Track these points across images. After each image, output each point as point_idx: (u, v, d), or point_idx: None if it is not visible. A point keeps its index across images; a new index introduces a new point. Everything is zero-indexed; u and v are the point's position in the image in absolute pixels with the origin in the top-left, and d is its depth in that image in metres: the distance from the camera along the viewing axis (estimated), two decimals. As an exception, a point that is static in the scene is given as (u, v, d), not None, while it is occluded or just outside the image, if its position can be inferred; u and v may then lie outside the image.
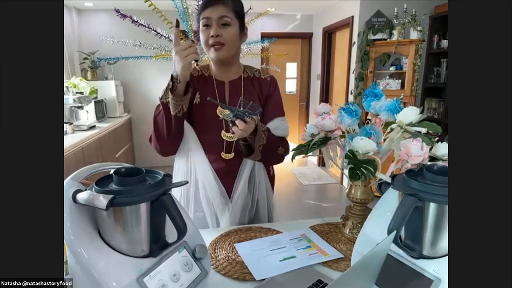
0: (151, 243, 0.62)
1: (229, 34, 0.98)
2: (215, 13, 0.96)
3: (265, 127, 1.01)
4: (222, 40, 0.98)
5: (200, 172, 1.05)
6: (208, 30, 0.98)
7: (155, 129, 1.01)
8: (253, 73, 1.12)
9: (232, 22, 0.98)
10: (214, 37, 0.97)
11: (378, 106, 0.84)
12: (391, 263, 0.64)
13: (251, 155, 1.01)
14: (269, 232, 0.98)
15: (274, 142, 1.04)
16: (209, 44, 0.99)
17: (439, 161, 0.75)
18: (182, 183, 0.65)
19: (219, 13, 0.96)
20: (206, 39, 0.99)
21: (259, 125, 0.97)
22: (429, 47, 3.49)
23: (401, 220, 0.58)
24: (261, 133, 0.98)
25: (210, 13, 0.96)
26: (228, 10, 0.97)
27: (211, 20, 0.97)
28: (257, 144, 0.98)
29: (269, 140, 1.01)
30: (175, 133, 1.00)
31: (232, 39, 1.00)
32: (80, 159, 2.64)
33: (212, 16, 0.96)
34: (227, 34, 0.98)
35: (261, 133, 0.98)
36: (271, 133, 1.03)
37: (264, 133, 0.99)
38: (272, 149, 1.04)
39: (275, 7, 4.03)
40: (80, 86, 3.52)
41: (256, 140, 0.98)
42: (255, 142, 0.98)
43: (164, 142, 1.02)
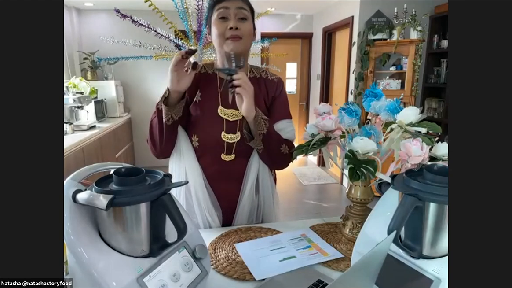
0: (151, 243, 0.62)
1: (247, 29, 0.97)
2: (233, 4, 0.94)
3: (265, 117, 0.98)
4: (240, 34, 0.95)
5: (191, 176, 1.03)
6: (225, 23, 0.95)
7: (149, 133, 1.03)
8: (260, 74, 1.10)
9: (248, 16, 0.98)
10: (233, 29, 0.94)
11: (378, 106, 0.84)
12: (391, 263, 0.64)
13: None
14: (269, 232, 0.98)
15: (277, 138, 1.02)
16: (225, 36, 0.95)
17: (439, 161, 0.75)
18: (182, 183, 0.65)
19: (237, 4, 0.95)
20: (223, 31, 0.95)
21: (258, 111, 0.95)
22: (429, 47, 3.49)
23: (401, 220, 0.58)
24: (261, 120, 0.96)
25: (228, 3, 0.94)
26: (245, 3, 0.97)
27: (228, 11, 0.94)
28: (257, 130, 0.96)
29: (270, 132, 0.99)
30: (167, 138, 1.01)
31: (249, 33, 0.99)
32: (80, 159, 2.64)
33: (230, 6, 0.94)
34: (245, 28, 0.96)
35: (261, 119, 0.96)
36: (272, 128, 1.01)
37: (264, 122, 0.97)
38: (274, 143, 1.01)
39: (275, 7, 4.03)
40: (80, 86, 3.52)
41: (257, 126, 0.96)
42: (255, 129, 0.96)
43: (157, 146, 1.03)
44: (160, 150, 1.04)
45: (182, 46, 2.61)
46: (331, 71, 4.54)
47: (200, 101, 1.03)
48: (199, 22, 2.50)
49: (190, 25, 2.51)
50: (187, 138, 1.04)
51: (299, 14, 4.78)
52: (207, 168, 1.05)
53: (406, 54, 3.28)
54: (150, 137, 1.03)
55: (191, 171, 1.03)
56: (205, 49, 2.70)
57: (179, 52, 0.90)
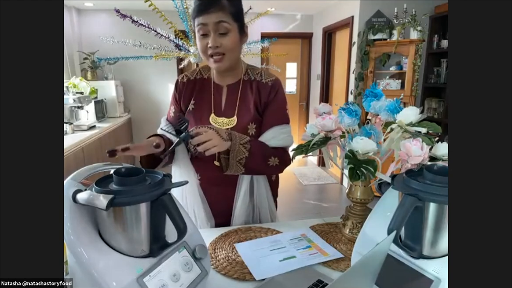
0: (151, 243, 0.62)
1: (229, 43, 0.92)
2: (211, 19, 0.89)
3: (245, 139, 0.95)
4: (222, 50, 0.92)
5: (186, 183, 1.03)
6: (206, 40, 0.92)
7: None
8: (255, 76, 1.05)
9: (231, 27, 0.91)
10: (213, 48, 0.91)
11: (378, 106, 0.84)
12: (391, 263, 0.64)
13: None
14: (269, 232, 0.98)
15: (262, 154, 0.98)
16: (208, 54, 0.94)
17: (439, 161, 0.75)
18: (182, 183, 0.65)
19: (215, 18, 0.89)
20: (205, 48, 0.93)
21: (234, 138, 0.93)
22: (429, 47, 3.49)
23: (401, 220, 0.58)
24: (239, 147, 0.93)
25: (205, 19, 0.89)
26: (225, 14, 0.89)
27: (207, 27, 0.90)
28: (236, 157, 0.94)
29: (254, 153, 0.95)
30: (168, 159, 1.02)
31: (233, 47, 0.94)
32: (80, 159, 2.64)
33: (208, 22, 0.89)
34: (227, 43, 0.92)
35: (239, 146, 0.93)
36: (257, 145, 0.97)
37: (244, 146, 0.93)
38: (259, 161, 0.97)
39: (275, 7, 4.03)
40: (80, 86, 3.52)
41: (234, 154, 0.93)
42: (234, 157, 0.94)
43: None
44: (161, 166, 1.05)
45: (182, 46, 2.61)
46: (331, 71, 4.54)
47: (194, 109, 1.03)
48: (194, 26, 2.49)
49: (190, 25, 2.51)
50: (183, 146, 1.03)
51: (299, 14, 4.78)
52: (202, 174, 1.05)
53: (406, 54, 3.28)
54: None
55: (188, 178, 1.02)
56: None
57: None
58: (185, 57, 2.81)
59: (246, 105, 1.02)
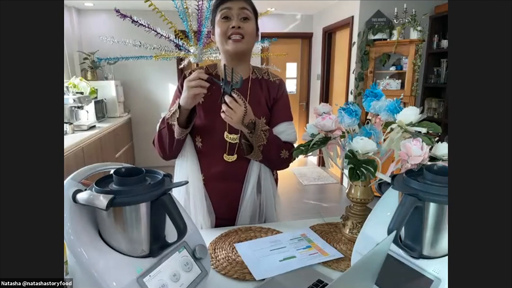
0: (151, 243, 0.62)
1: (250, 28, 0.99)
2: (236, 4, 0.97)
3: (266, 127, 1.00)
4: (243, 32, 0.98)
5: (191, 180, 1.05)
6: (228, 22, 0.97)
7: (158, 140, 1.05)
8: (262, 75, 1.11)
9: (251, 16, 1.00)
10: (235, 28, 0.97)
11: (378, 106, 0.84)
12: (391, 263, 0.64)
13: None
14: (269, 232, 0.98)
15: (277, 145, 1.02)
16: (227, 35, 0.98)
17: (439, 161, 0.75)
18: (182, 183, 0.65)
19: (240, 4, 0.97)
20: (225, 30, 0.98)
21: (258, 124, 0.96)
22: (429, 47, 3.49)
23: (401, 220, 0.58)
24: (261, 133, 0.97)
25: (231, 4, 0.97)
26: (248, 4, 1.00)
27: (231, 11, 0.97)
28: (256, 143, 0.97)
29: (271, 142, 1.00)
30: (177, 148, 1.04)
31: (251, 33, 1.00)
32: (80, 159, 2.64)
33: (233, 6, 0.97)
34: (248, 28, 0.99)
35: (261, 132, 0.97)
36: (273, 135, 1.02)
37: (264, 133, 0.98)
38: (274, 151, 1.02)
39: (275, 7, 4.03)
40: (80, 86, 3.52)
41: (255, 139, 0.97)
42: (255, 141, 0.97)
43: (166, 153, 1.06)
44: (169, 156, 1.07)
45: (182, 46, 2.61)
46: (331, 71, 4.54)
47: (203, 103, 1.04)
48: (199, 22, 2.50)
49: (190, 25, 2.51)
50: (191, 141, 1.06)
51: (299, 14, 4.78)
52: (210, 168, 1.06)
53: (406, 54, 3.28)
54: (158, 144, 1.06)
55: (192, 174, 1.05)
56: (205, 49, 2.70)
57: (202, 73, 0.92)
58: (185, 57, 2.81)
59: (256, 100, 1.05)
